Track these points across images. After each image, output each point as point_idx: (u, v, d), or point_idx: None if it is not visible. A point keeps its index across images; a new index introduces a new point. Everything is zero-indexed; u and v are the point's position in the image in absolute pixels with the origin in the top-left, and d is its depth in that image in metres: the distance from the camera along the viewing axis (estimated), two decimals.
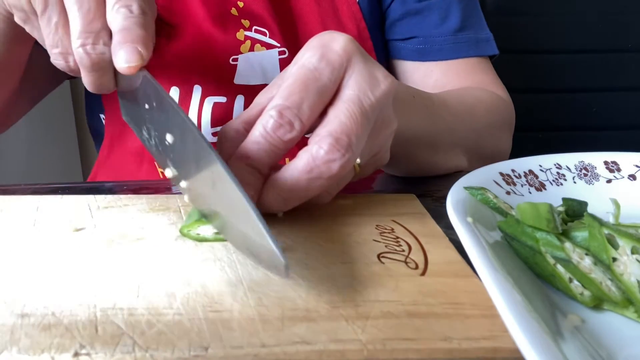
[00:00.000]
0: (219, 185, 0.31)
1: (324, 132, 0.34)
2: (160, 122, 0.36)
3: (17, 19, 0.42)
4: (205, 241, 0.35)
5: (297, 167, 0.34)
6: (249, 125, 0.37)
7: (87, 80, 0.39)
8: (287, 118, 0.34)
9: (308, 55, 0.36)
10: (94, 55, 0.37)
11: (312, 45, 0.36)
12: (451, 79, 0.67)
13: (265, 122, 0.35)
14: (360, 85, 0.35)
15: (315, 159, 0.34)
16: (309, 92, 0.35)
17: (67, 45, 0.38)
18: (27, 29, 0.42)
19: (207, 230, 0.36)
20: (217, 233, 0.35)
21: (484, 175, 0.39)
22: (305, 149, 0.34)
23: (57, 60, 0.40)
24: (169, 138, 0.35)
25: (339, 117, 0.34)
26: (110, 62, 0.37)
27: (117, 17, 0.36)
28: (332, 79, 0.35)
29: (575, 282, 0.30)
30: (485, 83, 0.67)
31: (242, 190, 0.30)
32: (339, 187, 0.39)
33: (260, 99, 0.39)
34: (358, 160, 0.37)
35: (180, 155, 0.35)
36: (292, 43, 0.63)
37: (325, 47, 0.36)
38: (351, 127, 0.34)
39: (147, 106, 0.37)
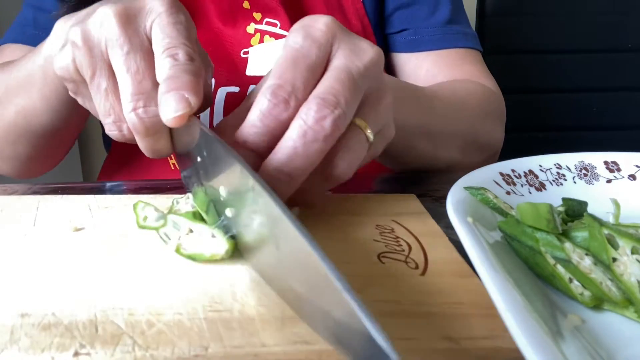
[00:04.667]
0: (284, 244, 0.27)
1: (311, 96, 0.34)
2: (213, 175, 0.34)
3: (70, 92, 0.41)
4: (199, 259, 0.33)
5: (291, 136, 0.33)
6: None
7: (143, 146, 0.37)
8: (281, 97, 0.33)
9: (292, 36, 0.35)
10: (147, 119, 0.35)
11: (295, 29, 0.36)
12: (441, 69, 0.68)
13: (260, 105, 0.34)
14: (347, 55, 0.35)
15: (306, 121, 0.33)
16: (300, 69, 0.34)
17: (119, 112, 0.37)
18: (80, 100, 0.41)
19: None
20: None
21: (484, 175, 0.39)
22: (295, 117, 0.33)
23: (111, 130, 0.38)
24: (222, 192, 0.32)
25: (324, 82, 0.34)
26: (165, 124, 0.35)
27: (163, 68, 0.35)
28: (320, 55, 0.35)
29: (575, 282, 0.30)
30: (474, 74, 0.68)
31: (320, 252, 0.23)
32: (356, 156, 0.36)
33: (259, 88, 0.39)
34: (371, 135, 0.36)
35: (237, 209, 0.31)
36: None
37: (308, 27, 0.35)
38: (337, 88, 0.33)
39: (199, 159, 0.35)
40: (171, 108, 0.33)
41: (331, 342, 0.25)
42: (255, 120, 0.34)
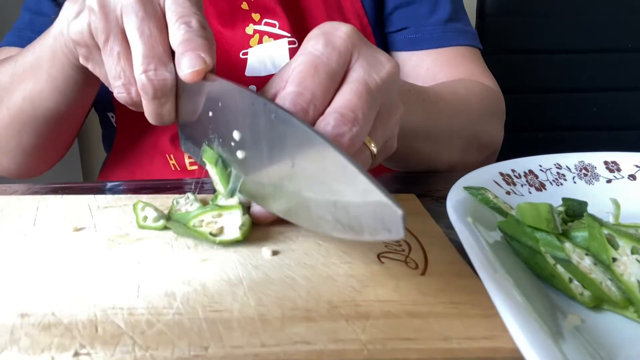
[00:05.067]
0: (302, 150, 0.30)
1: (330, 110, 0.34)
2: (226, 122, 0.35)
3: (80, 59, 0.42)
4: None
5: None
6: None
7: (148, 110, 0.39)
8: (300, 106, 0.34)
9: (313, 43, 0.35)
10: (156, 81, 0.37)
11: (316, 34, 0.36)
12: (442, 68, 0.68)
13: None
14: (365, 67, 0.35)
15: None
16: (320, 76, 0.34)
17: (130, 75, 0.38)
18: (90, 66, 0.42)
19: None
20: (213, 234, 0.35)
21: (484, 175, 0.39)
22: None
23: (120, 93, 0.39)
24: (235, 135, 0.34)
25: (344, 95, 0.34)
26: (172, 89, 0.37)
27: (177, 34, 0.37)
28: (341, 62, 0.35)
29: (575, 282, 0.30)
30: (475, 73, 0.68)
31: (337, 147, 0.28)
32: None
33: (269, 90, 0.39)
34: (375, 149, 0.37)
35: (253, 140, 0.34)
36: (302, 34, 0.64)
37: (330, 34, 0.36)
38: (356, 103, 0.34)
39: (210, 113, 0.37)
40: (188, 65, 0.35)
41: (341, 231, 0.29)
42: None
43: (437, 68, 0.68)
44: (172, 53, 0.37)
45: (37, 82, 0.49)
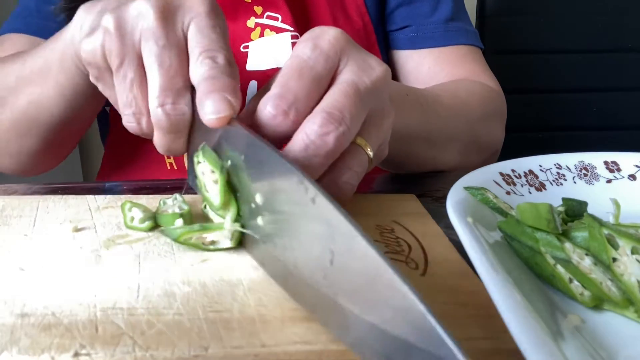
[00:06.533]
0: (342, 255, 0.25)
1: (317, 109, 0.33)
2: (248, 180, 0.32)
3: (90, 77, 0.40)
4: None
5: (292, 149, 0.33)
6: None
7: (160, 143, 0.37)
8: (280, 108, 0.33)
9: (301, 47, 0.35)
10: (174, 116, 0.35)
11: (304, 39, 0.36)
12: (443, 67, 0.68)
13: (260, 114, 0.34)
14: (355, 70, 0.35)
15: (309, 135, 0.32)
16: (304, 80, 0.34)
17: (142, 105, 0.36)
18: (100, 87, 0.40)
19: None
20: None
21: (484, 175, 0.39)
22: (298, 129, 0.33)
23: (129, 122, 0.37)
24: (258, 199, 0.31)
25: (331, 96, 0.34)
26: (189, 124, 0.35)
27: (202, 69, 0.34)
28: (327, 67, 0.35)
29: (575, 282, 0.30)
30: (476, 72, 0.68)
31: (389, 262, 0.22)
32: (358, 177, 0.36)
33: (262, 94, 0.39)
34: (371, 153, 0.36)
35: (279, 213, 0.30)
36: (305, 28, 0.64)
37: (317, 38, 0.35)
38: (344, 103, 0.33)
39: (229, 162, 0.34)
40: (214, 109, 0.33)
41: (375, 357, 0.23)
42: (256, 128, 0.34)
43: (438, 67, 0.68)
44: (191, 86, 0.35)
45: (44, 87, 0.48)
